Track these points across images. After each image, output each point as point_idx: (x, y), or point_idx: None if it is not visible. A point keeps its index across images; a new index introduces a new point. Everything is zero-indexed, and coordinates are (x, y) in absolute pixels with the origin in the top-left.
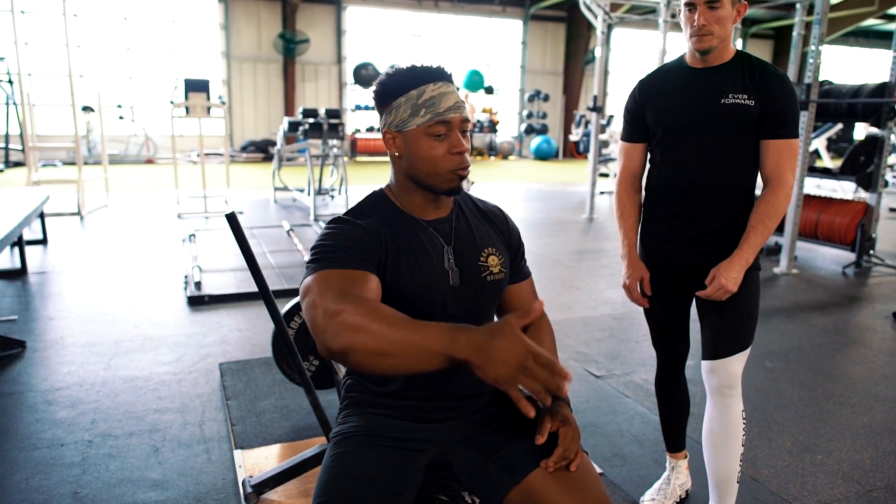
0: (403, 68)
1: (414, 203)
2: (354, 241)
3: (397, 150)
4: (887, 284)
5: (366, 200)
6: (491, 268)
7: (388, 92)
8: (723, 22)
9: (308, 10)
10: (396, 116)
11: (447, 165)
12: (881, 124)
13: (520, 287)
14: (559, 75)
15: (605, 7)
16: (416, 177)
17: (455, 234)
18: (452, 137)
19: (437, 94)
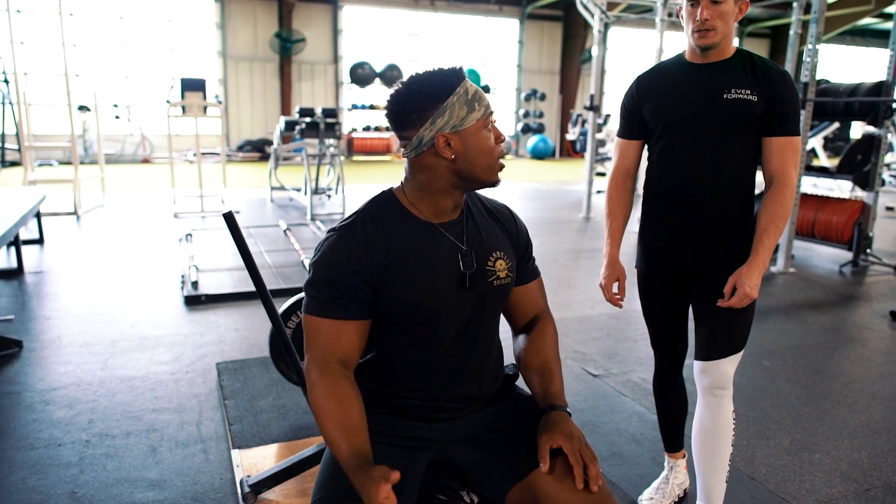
0: (439, 69)
1: (432, 207)
2: (345, 279)
3: (452, 151)
4: (884, 283)
5: (374, 202)
6: (498, 272)
7: (431, 96)
8: (725, 17)
9: (304, 10)
10: (452, 116)
11: (498, 154)
12: (878, 123)
13: (528, 288)
14: (556, 74)
15: (601, 6)
16: (472, 174)
17: (466, 237)
18: (495, 129)
19: (475, 89)
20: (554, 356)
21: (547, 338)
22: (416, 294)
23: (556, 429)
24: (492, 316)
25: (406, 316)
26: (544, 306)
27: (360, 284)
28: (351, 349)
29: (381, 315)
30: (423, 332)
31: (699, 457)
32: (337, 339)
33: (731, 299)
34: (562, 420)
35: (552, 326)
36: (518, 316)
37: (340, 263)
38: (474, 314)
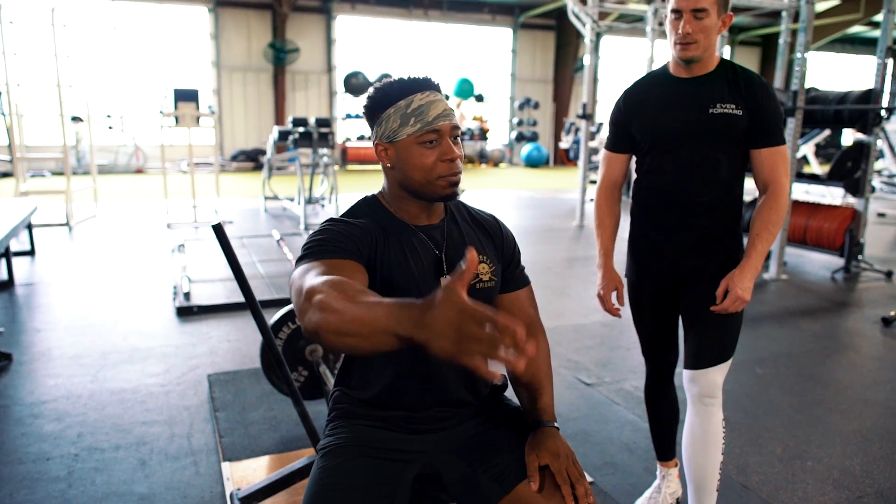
0: (391, 80)
1: (406, 210)
2: (345, 236)
3: (389, 161)
4: (876, 289)
5: (358, 205)
6: (481, 275)
7: (377, 104)
8: (708, 31)
9: (298, 20)
10: (387, 127)
11: (438, 172)
12: (867, 130)
13: (517, 296)
14: (549, 83)
15: (593, 16)
16: (409, 186)
17: (447, 240)
18: (443, 144)
19: (426, 103)
20: (545, 370)
21: (537, 351)
22: (403, 288)
23: (543, 446)
24: None
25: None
26: (535, 317)
27: (361, 240)
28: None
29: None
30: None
31: (690, 465)
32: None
33: (724, 302)
34: (549, 437)
35: (543, 339)
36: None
37: (337, 230)
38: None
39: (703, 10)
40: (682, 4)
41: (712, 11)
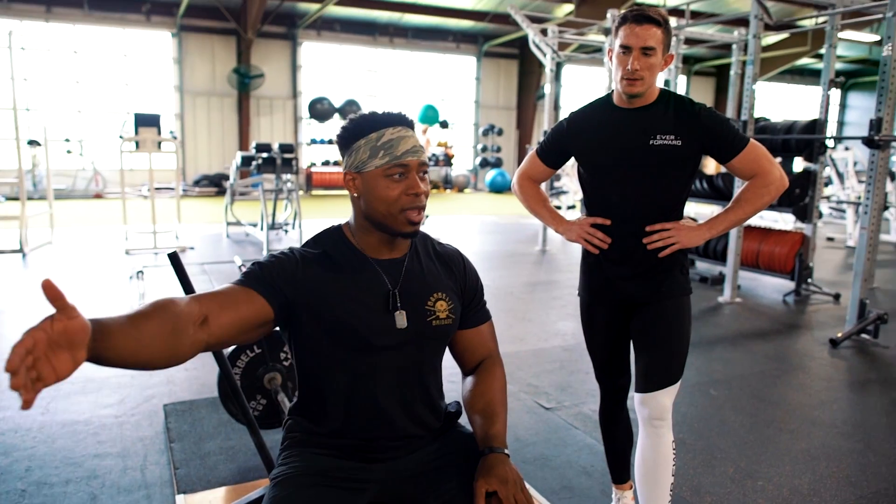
0: (365, 113)
1: (369, 242)
2: (271, 269)
3: (356, 190)
4: (825, 311)
5: (321, 235)
6: (438, 313)
7: (349, 135)
8: (653, 69)
9: (263, 45)
10: (356, 158)
11: (402, 205)
12: (814, 158)
13: (478, 331)
14: (512, 110)
15: (553, 46)
16: (373, 217)
17: (405, 275)
18: (410, 178)
19: (396, 138)
20: (499, 398)
21: (493, 381)
22: (353, 325)
23: (492, 473)
24: (433, 356)
25: (346, 347)
26: (494, 350)
27: (284, 284)
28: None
29: (313, 349)
30: (362, 369)
31: (642, 487)
32: (237, 302)
33: (655, 226)
34: (499, 463)
35: (500, 370)
36: (467, 359)
37: (281, 262)
38: (414, 353)
39: (652, 48)
40: (633, 42)
41: (658, 51)
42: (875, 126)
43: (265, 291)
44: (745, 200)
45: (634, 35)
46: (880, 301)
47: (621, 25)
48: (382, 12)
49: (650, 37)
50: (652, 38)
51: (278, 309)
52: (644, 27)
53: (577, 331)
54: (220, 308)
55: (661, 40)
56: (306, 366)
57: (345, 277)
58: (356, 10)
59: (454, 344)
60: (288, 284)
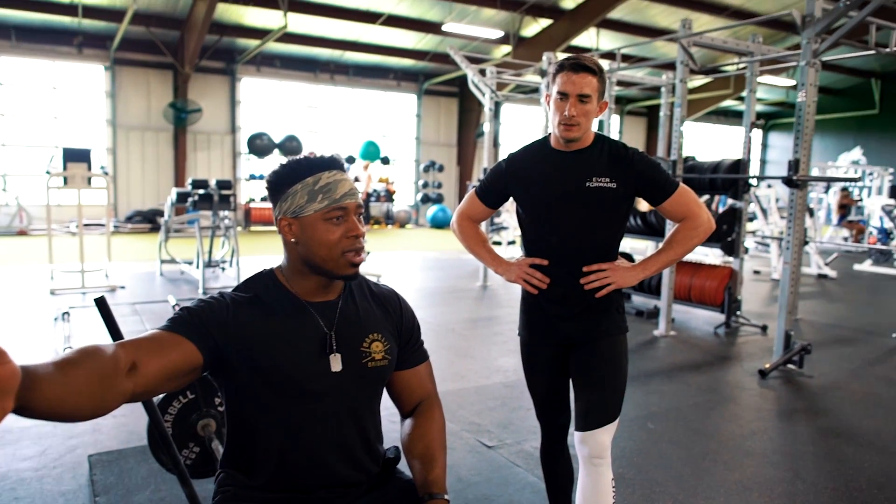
0: (298, 158)
1: (303, 285)
2: (200, 314)
3: (293, 236)
4: (753, 343)
5: (253, 278)
6: (373, 354)
7: (283, 180)
8: (588, 115)
9: (201, 80)
10: (293, 203)
11: (343, 247)
12: (738, 196)
13: (415, 372)
14: (453, 147)
15: (491, 86)
16: (312, 262)
17: (339, 317)
18: (349, 222)
19: (333, 181)
20: (438, 442)
21: (432, 424)
22: (286, 369)
23: None
24: (370, 398)
25: (280, 393)
26: (432, 391)
27: (213, 330)
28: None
29: (246, 394)
30: (297, 415)
31: None
32: (165, 349)
33: (592, 267)
34: None
35: (439, 412)
36: (405, 400)
37: (210, 306)
38: (351, 397)
39: (588, 96)
40: (570, 89)
41: (594, 98)
42: (793, 167)
43: (194, 337)
44: (677, 242)
45: (571, 83)
46: (804, 332)
47: (558, 73)
48: (323, 50)
49: (586, 85)
50: (588, 86)
51: (208, 354)
52: (580, 75)
53: (519, 367)
54: (149, 355)
55: (597, 88)
56: (238, 413)
57: (278, 321)
58: (297, 46)
59: (391, 385)
60: (218, 329)
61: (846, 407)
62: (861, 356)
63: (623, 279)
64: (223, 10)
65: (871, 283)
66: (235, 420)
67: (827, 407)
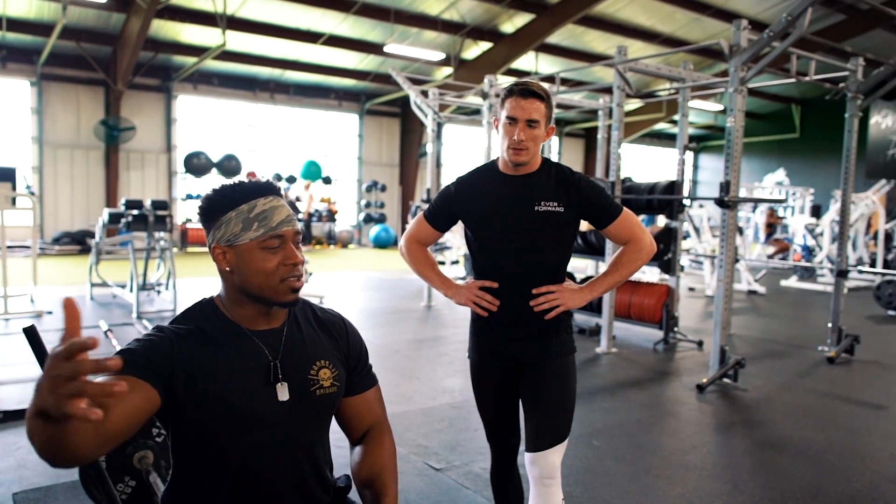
0: (231, 184)
1: (244, 314)
2: (146, 353)
3: (228, 264)
4: (690, 358)
5: (192, 309)
6: (322, 381)
7: (216, 207)
8: (537, 140)
9: (134, 97)
10: (227, 231)
11: (280, 275)
12: (673, 216)
13: (364, 398)
14: (395, 167)
15: (434, 107)
16: (249, 290)
17: (285, 345)
18: (287, 249)
19: (269, 208)
20: (389, 469)
21: (382, 451)
22: (231, 400)
23: None
24: (319, 427)
25: (226, 427)
26: (381, 416)
27: (163, 365)
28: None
29: (199, 428)
30: (245, 447)
31: None
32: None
33: (541, 289)
34: None
35: (389, 438)
36: (354, 427)
37: (153, 343)
38: (299, 426)
39: (536, 121)
40: (519, 114)
41: (542, 123)
42: (724, 188)
43: (150, 377)
44: (622, 264)
45: (520, 108)
46: (737, 346)
47: (507, 98)
48: (263, 68)
49: (534, 110)
50: (536, 112)
51: (163, 391)
52: (529, 101)
53: (465, 387)
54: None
55: (544, 113)
56: (184, 448)
57: (221, 352)
58: (236, 65)
59: (340, 412)
60: (167, 365)
61: (779, 419)
62: (791, 369)
63: (571, 301)
64: (159, 26)
65: (797, 298)
66: (180, 453)
67: (761, 419)
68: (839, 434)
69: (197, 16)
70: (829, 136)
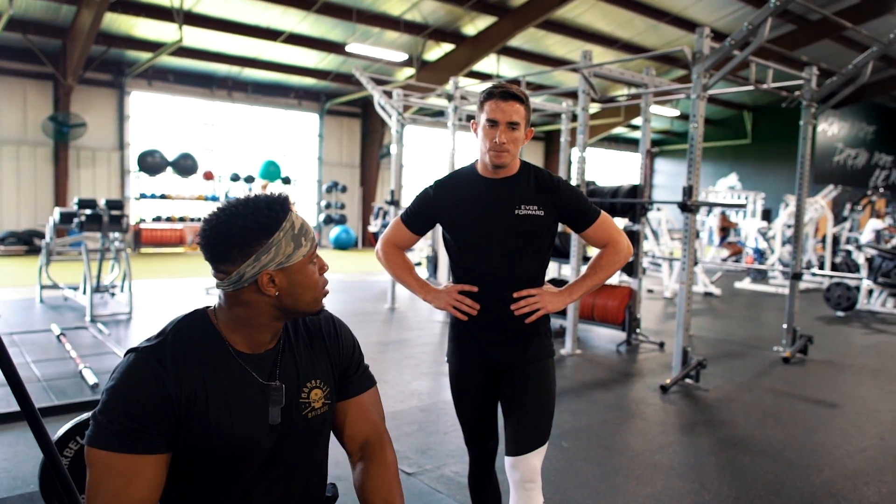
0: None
1: (244, 339)
2: (146, 408)
3: (277, 289)
4: (653, 359)
5: (185, 324)
6: (313, 403)
7: (261, 229)
8: (517, 142)
9: (85, 93)
10: (278, 253)
11: (323, 285)
12: (636, 219)
13: (359, 402)
14: (356, 168)
15: (398, 108)
16: (296, 308)
17: (278, 368)
18: (319, 258)
19: (303, 221)
20: (396, 492)
21: (387, 471)
22: (227, 430)
23: None
24: (312, 450)
25: (216, 455)
26: (380, 426)
27: (163, 416)
28: (148, 492)
29: (187, 456)
30: (237, 474)
31: None
32: (131, 481)
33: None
34: None
35: (391, 453)
36: (349, 435)
37: (143, 390)
38: (292, 451)
39: (517, 123)
40: (499, 116)
41: (522, 125)
42: (686, 192)
43: (151, 447)
44: (601, 267)
45: (500, 110)
46: (698, 347)
47: (487, 100)
48: (221, 65)
49: (515, 112)
50: (516, 114)
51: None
52: (509, 103)
53: (433, 390)
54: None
55: (524, 116)
56: (172, 477)
57: (213, 375)
58: (192, 61)
59: (333, 420)
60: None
61: (740, 418)
62: (749, 369)
63: (552, 304)
64: (111, 20)
65: (751, 299)
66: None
67: (723, 418)
68: (797, 432)
69: (152, 10)
70: (779, 142)
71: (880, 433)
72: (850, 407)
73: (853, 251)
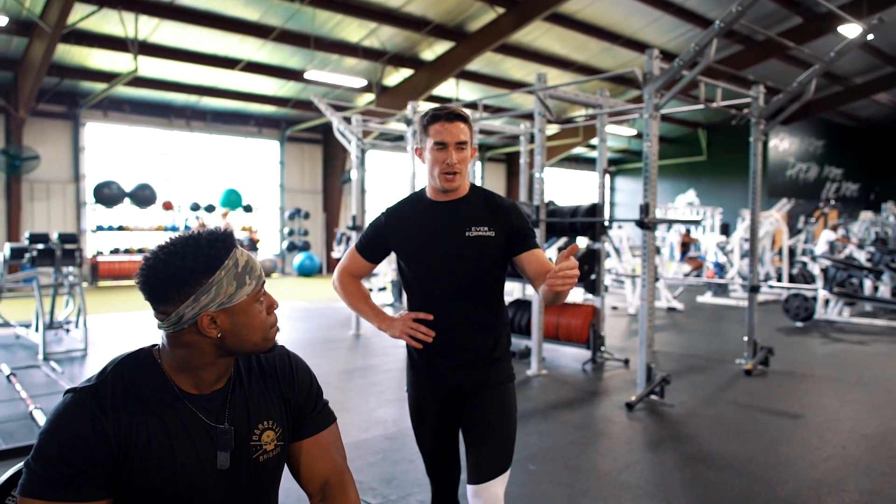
0: (206, 236)
1: (188, 379)
2: (82, 453)
3: (219, 330)
4: (618, 376)
5: (128, 363)
6: (264, 446)
7: (201, 268)
8: (466, 161)
9: (38, 125)
10: (219, 293)
11: (271, 323)
12: (596, 238)
13: (317, 441)
14: (318, 194)
15: (357, 134)
16: (242, 349)
17: (228, 409)
18: (268, 296)
19: (248, 258)
20: None
21: None
22: (170, 476)
23: None
24: (263, 494)
25: (160, 502)
26: (340, 464)
27: (102, 460)
28: None
29: (128, 503)
30: None
31: None
32: None
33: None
34: None
35: (353, 493)
36: (307, 477)
37: (79, 434)
38: (240, 497)
39: (464, 142)
40: (447, 138)
41: (468, 144)
42: (643, 210)
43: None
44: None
45: (448, 132)
46: (661, 362)
47: (432, 123)
48: (178, 95)
49: (461, 132)
50: (463, 133)
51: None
52: (455, 124)
53: (398, 418)
54: None
55: (469, 135)
56: None
57: (157, 418)
58: (149, 91)
59: (290, 461)
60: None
61: (704, 432)
62: (712, 383)
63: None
64: (64, 51)
65: (713, 313)
66: None
67: (688, 434)
68: (761, 445)
69: (106, 41)
70: (733, 158)
71: (841, 442)
72: (812, 417)
73: (808, 262)
